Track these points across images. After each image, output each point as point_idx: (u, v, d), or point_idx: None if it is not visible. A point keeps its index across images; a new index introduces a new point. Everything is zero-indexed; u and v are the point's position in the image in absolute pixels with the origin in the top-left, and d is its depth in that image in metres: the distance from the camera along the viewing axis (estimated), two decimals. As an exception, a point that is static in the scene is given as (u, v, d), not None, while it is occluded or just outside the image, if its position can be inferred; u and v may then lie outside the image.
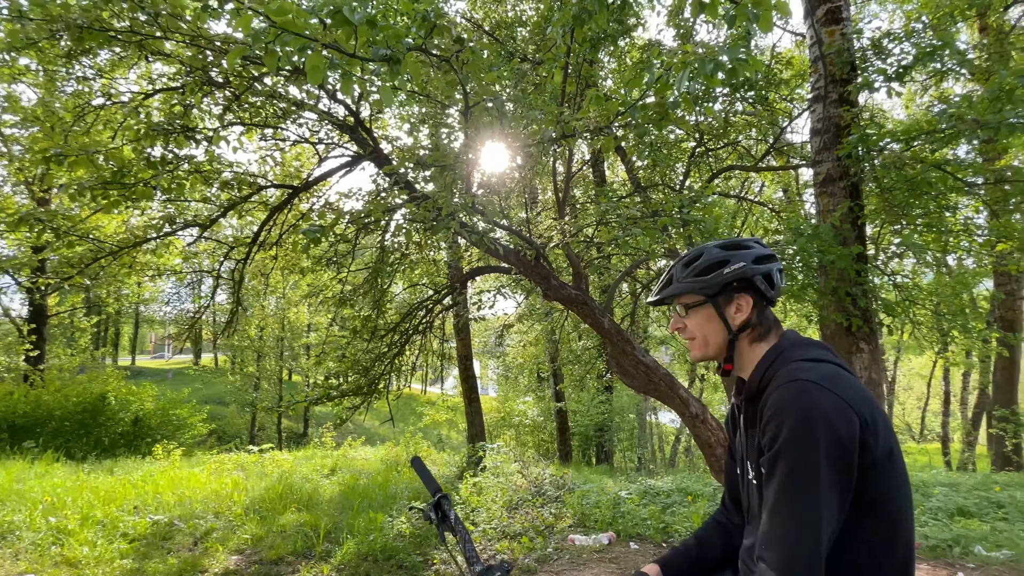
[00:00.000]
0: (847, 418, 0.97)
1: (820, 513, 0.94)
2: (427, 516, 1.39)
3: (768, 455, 1.02)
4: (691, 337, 1.25)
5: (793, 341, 1.18)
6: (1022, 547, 4.00)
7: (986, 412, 12.59)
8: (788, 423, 0.98)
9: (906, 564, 1.03)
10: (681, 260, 1.27)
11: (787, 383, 1.03)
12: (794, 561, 0.94)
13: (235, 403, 21.54)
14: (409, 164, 2.28)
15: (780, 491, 0.98)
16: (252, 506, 5.77)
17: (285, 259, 4.94)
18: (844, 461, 0.96)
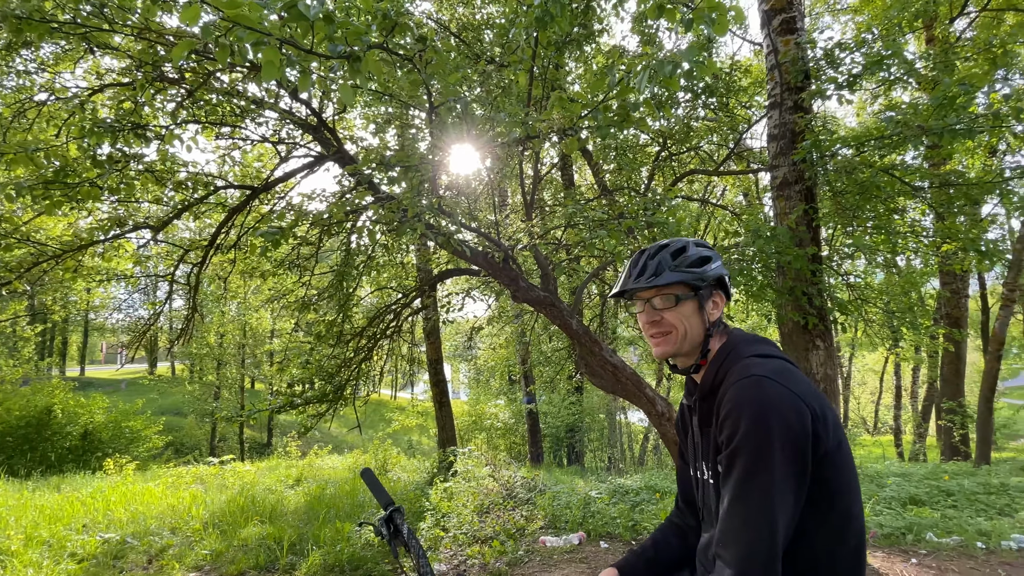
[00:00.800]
0: (800, 411, 0.99)
1: (776, 508, 0.95)
2: (378, 531, 1.34)
3: (726, 452, 1.02)
4: (668, 330, 1.20)
5: (741, 338, 1.20)
6: (970, 533, 4.21)
7: (935, 405, 13.28)
8: (744, 419, 0.99)
9: (858, 553, 1.06)
10: (663, 250, 1.23)
11: (741, 379, 1.05)
12: (752, 556, 0.95)
13: (194, 413, 20.71)
14: (373, 164, 2.23)
15: (737, 487, 0.99)
16: (211, 520, 5.55)
17: (244, 263, 4.77)
18: (799, 453, 0.97)
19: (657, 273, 1.21)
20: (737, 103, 6.51)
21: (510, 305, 8.90)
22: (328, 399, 4.42)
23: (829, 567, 1.03)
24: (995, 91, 3.99)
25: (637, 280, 1.22)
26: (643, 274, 1.22)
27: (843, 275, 5.39)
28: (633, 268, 1.25)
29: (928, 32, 8.75)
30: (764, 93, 6.60)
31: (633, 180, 6.37)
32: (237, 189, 4.19)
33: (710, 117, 6.55)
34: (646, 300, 1.22)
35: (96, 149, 3.38)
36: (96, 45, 3.53)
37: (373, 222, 2.13)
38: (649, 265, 1.22)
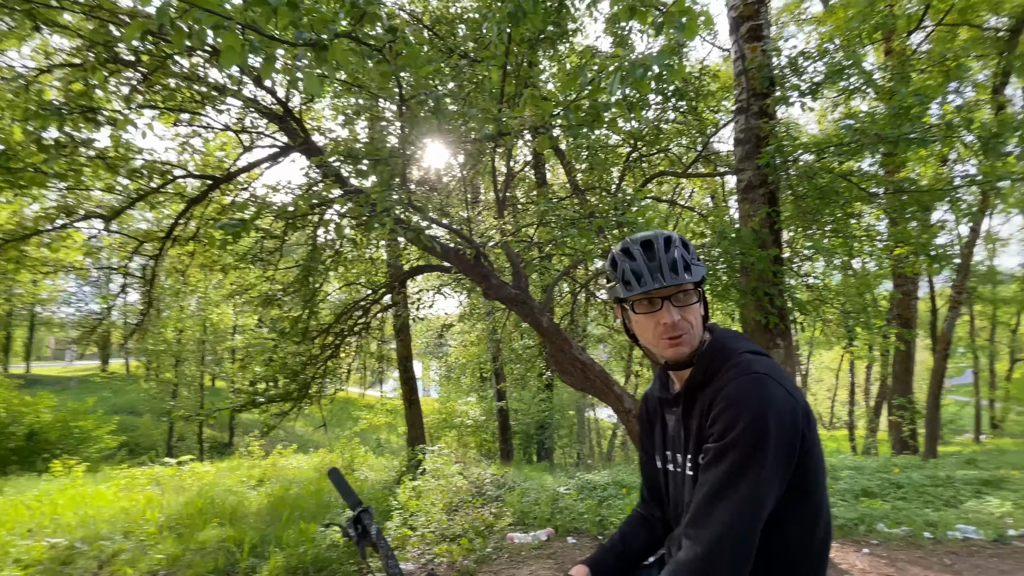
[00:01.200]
0: (794, 410, 1.02)
1: (759, 502, 0.98)
2: (345, 532, 1.31)
3: (718, 443, 1.03)
4: (686, 331, 1.13)
5: (727, 334, 1.21)
6: (918, 523, 4.43)
7: (886, 401, 13.92)
8: (744, 415, 1.00)
9: (825, 543, 1.10)
10: (671, 243, 1.14)
11: (743, 376, 1.05)
12: (725, 541, 0.96)
13: (150, 412, 19.89)
14: (341, 156, 2.16)
15: (725, 477, 1.00)
16: (167, 523, 5.34)
17: (204, 256, 4.58)
18: (789, 452, 1.00)
19: (687, 268, 1.12)
20: (706, 107, 6.65)
21: (481, 302, 8.87)
22: (293, 397, 4.30)
23: (800, 556, 1.07)
24: (948, 103, 4.20)
25: (671, 277, 1.10)
26: (673, 271, 1.11)
27: (803, 276, 5.58)
28: (649, 264, 1.12)
29: (887, 44, 9.14)
30: (732, 98, 6.77)
31: (604, 180, 6.43)
32: (197, 179, 4.02)
33: (679, 120, 6.67)
34: (664, 298, 1.12)
35: (42, 133, 3.18)
36: (44, 23, 3.32)
37: (340, 216, 2.07)
38: (677, 259, 1.12)
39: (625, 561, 1.35)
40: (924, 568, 3.73)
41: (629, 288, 1.12)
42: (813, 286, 5.65)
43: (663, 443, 1.29)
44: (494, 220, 4.17)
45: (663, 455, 1.29)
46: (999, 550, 3.88)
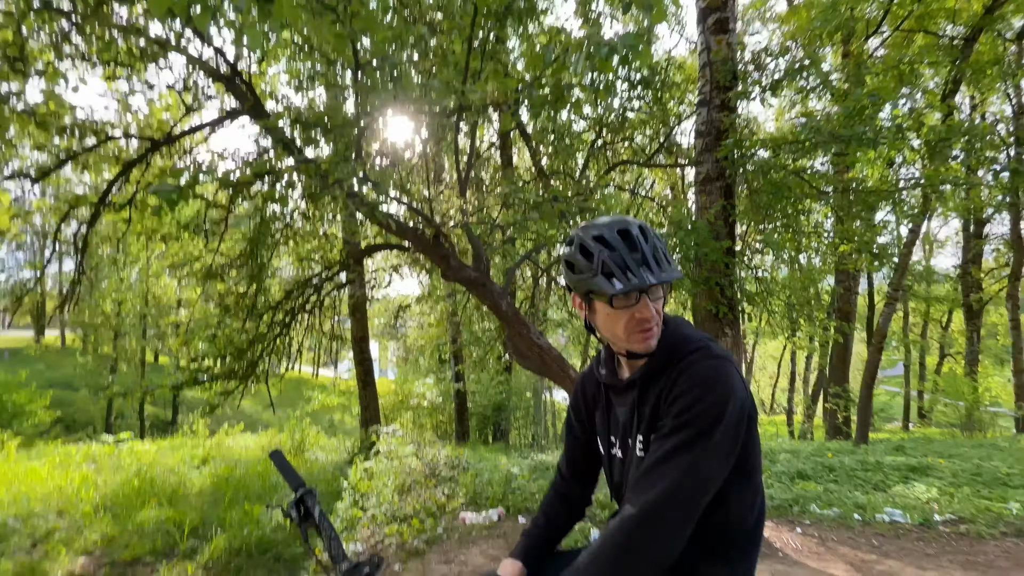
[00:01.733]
0: (745, 393, 1.08)
1: (705, 475, 1.01)
2: (287, 513, 1.27)
3: (676, 420, 1.05)
4: (657, 322, 1.13)
5: (681, 322, 1.23)
6: (848, 506, 4.71)
7: (823, 389, 14.76)
8: (708, 395, 1.04)
9: (760, 518, 1.16)
10: (645, 234, 1.11)
11: (708, 359, 1.09)
12: (663, 504, 0.99)
13: (87, 388, 18.82)
14: (287, 119, 2.02)
15: (675, 448, 1.02)
16: (104, 503, 5.10)
17: (142, 223, 4.28)
18: (738, 432, 1.05)
19: (670, 261, 1.11)
20: (670, 97, 6.71)
21: (442, 284, 8.76)
22: (238, 376, 4.12)
23: (739, 528, 1.12)
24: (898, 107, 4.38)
25: (661, 272, 1.08)
26: (660, 262, 1.09)
27: (753, 269, 5.78)
28: (634, 253, 1.08)
29: (845, 47, 9.44)
30: (695, 91, 6.87)
31: (569, 165, 6.42)
32: (135, 140, 3.73)
33: (644, 110, 6.71)
34: (642, 291, 1.10)
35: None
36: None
37: (286, 185, 1.95)
38: (658, 251, 1.10)
39: (550, 540, 1.38)
40: (853, 548, 3.98)
41: (612, 281, 1.07)
42: (762, 279, 5.87)
43: (608, 428, 1.30)
44: (456, 199, 4.09)
45: (607, 440, 1.30)
46: (924, 534, 4.15)
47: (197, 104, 3.79)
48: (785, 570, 3.63)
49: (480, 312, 9.47)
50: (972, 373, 15.37)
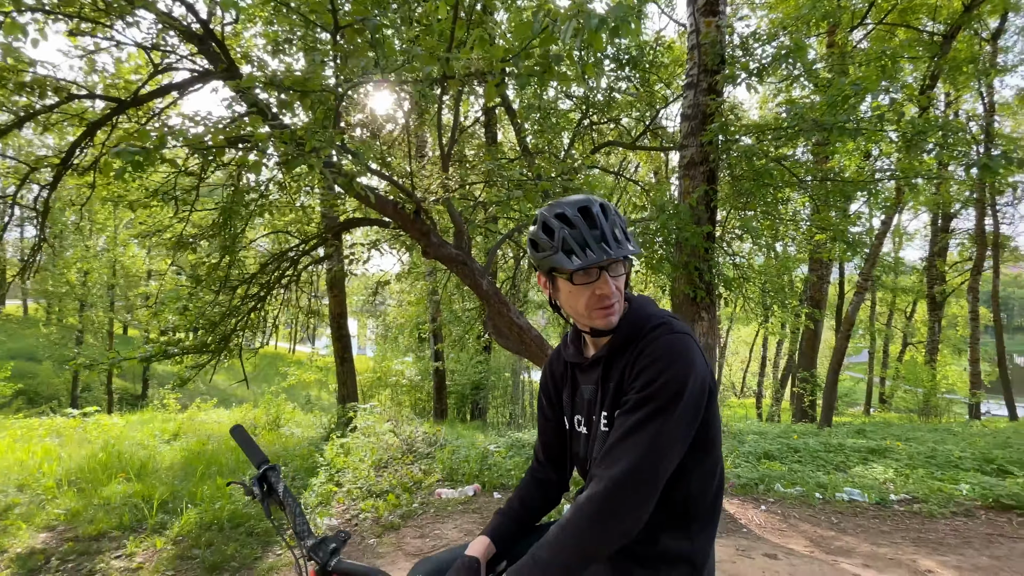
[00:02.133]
0: (705, 368, 1.09)
1: (666, 448, 1.03)
2: (249, 490, 1.25)
3: (639, 394, 1.07)
4: (617, 299, 1.15)
5: (645, 300, 1.24)
6: (810, 485, 4.91)
7: (792, 374, 15.23)
8: (669, 369, 1.05)
9: (719, 490, 1.19)
10: (606, 211, 1.12)
11: (670, 335, 1.10)
12: (628, 477, 1.01)
13: (51, 359, 18.24)
14: (261, 82, 1.91)
15: (638, 423, 1.04)
16: (67, 477, 4.98)
17: (107, 188, 4.08)
18: (698, 406, 1.07)
19: (628, 239, 1.12)
20: (658, 79, 6.67)
21: (422, 261, 8.67)
22: (210, 350, 4.02)
23: (699, 499, 1.15)
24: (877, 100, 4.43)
25: (619, 247, 1.09)
26: (617, 239, 1.10)
27: (731, 255, 5.86)
28: (593, 230, 1.09)
29: (830, 38, 9.51)
30: (682, 74, 6.84)
31: (554, 145, 6.36)
32: (100, 100, 3.53)
33: (632, 91, 6.66)
34: (602, 268, 1.11)
35: None
36: None
37: (258, 151, 1.86)
38: (617, 229, 1.11)
39: (523, 522, 1.38)
40: (814, 525, 4.15)
41: (572, 258, 1.09)
42: (739, 265, 5.97)
43: (573, 406, 1.33)
44: (438, 175, 4.01)
45: (573, 418, 1.32)
46: (880, 512, 4.37)
47: (167, 64, 3.60)
48: (749, 545, 3.77)
49: (461, 291, 9.42)
50: (931, 361, 16.03)
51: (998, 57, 12.52)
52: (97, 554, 3.62)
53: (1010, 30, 13.20)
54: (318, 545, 1.15)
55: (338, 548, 1.16)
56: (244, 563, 3.52)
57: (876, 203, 4.54)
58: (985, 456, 5.57)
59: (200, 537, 3.81)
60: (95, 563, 3.48)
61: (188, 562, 3.51)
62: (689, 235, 4.09)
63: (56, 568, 3.41)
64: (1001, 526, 4.02)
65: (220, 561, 3.49)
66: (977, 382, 14.60)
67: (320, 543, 1.15)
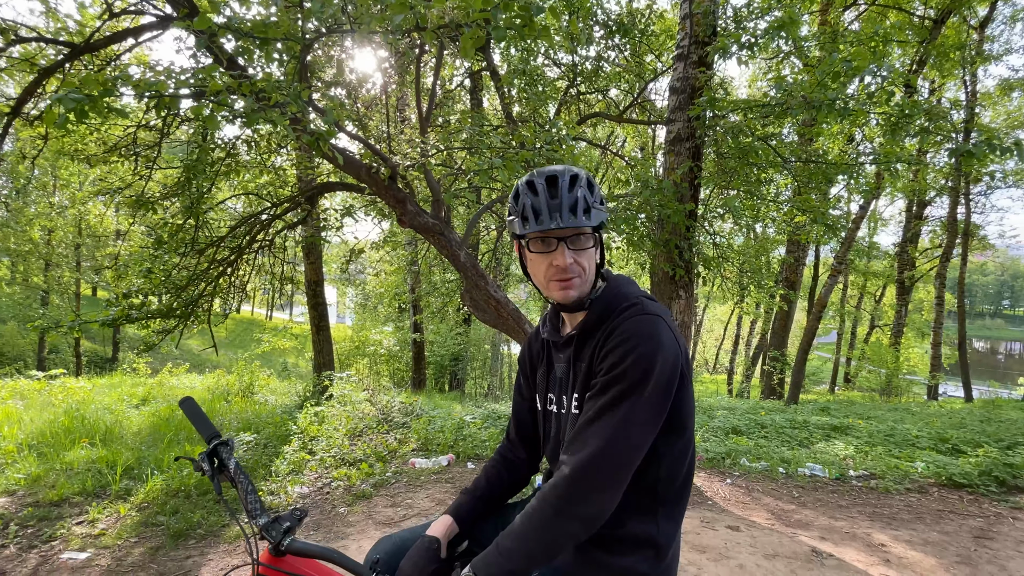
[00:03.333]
0: (676, 351, 1.06)
1: (635, 431, 1.01)
2: (198, 466, 1.19)
3: (606, 376, 1.05)
4: (578, 273, 1.12)
5: (623, 279, 1.21)
6: (775, 460, 5.06)
7: (763, 352, 15.62)
8: (636, 350, 1.02)
9: (689, 475, 1.18)
10: (577, 183, 1.10)
11: (639, 316, 1.08)
12: (593, 463, 0.99)
13: (15, 320, 17.63)
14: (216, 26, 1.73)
15: (606, 406, 1.02)
16: (29, 441, 4.84)
17: (62, 141, 3.82)
18: (668, 388, 1.04)
19: (587, 210, 1.09)
20: (648, 49, 6.51)
21: (402, 230, 8.50)
22: (176, 315, 3.88)
23: (669, 483, 1.13)
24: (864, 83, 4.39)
25: (571, 217, 1.07)
26: (575, 210, 1.08)
27: (712, 234, 5.87)
28: (550, 202, 1.08)
29: (823, 16, 9.40)
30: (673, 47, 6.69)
31: (539, 113, 6.20)
32: (50, 44, 3.27)
33: (621, 62, 6.50)
34: (560, 239, 1.09)
35: None
36: None
37: (215, 104, 1.71)
38: (578, 199, 1.08)
39: (488, 502, 1.36)
40: (776, 499, 4.29)
41: (526, 225, 1.10)
42: (719, 244, 5.98)
43: (547, 385, 1.31)
44: (417, 139, 3.86)
45: (546, 397, 1.31)
46: (839, 487, 4.53)
47: (125, 8, 3.33)
48: (713, 516, 3.87)
49: (441, 262, 9.30)
50: (896, 344, 16.60)
51: (984, 46, 12.59)
52: (58, 519, 3.54)
53: (998, 19, 13.25)
54: (271, 524, 1.10)
55: (292, 527, 1.11)
56: (210, 530, 3.49)
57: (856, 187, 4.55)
58: (940, 436, 5.80)
59: (166, 504, 3.75)
60: (55, 528, 3.40)
61: (152, 528, 3.46)
62: (671, 212, 4.05)
63: (15, 533, 3.33)
64: (952, 503, 4.21)
65: (185, 528, 3.44)
66: (937, 364, 15.19)
67: (273, 522, 1.10)
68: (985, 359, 52.03)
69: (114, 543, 3.26)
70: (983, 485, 4.41)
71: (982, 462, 4.67)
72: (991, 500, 4.23)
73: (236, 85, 1.75)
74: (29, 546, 3.20)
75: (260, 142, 3.96)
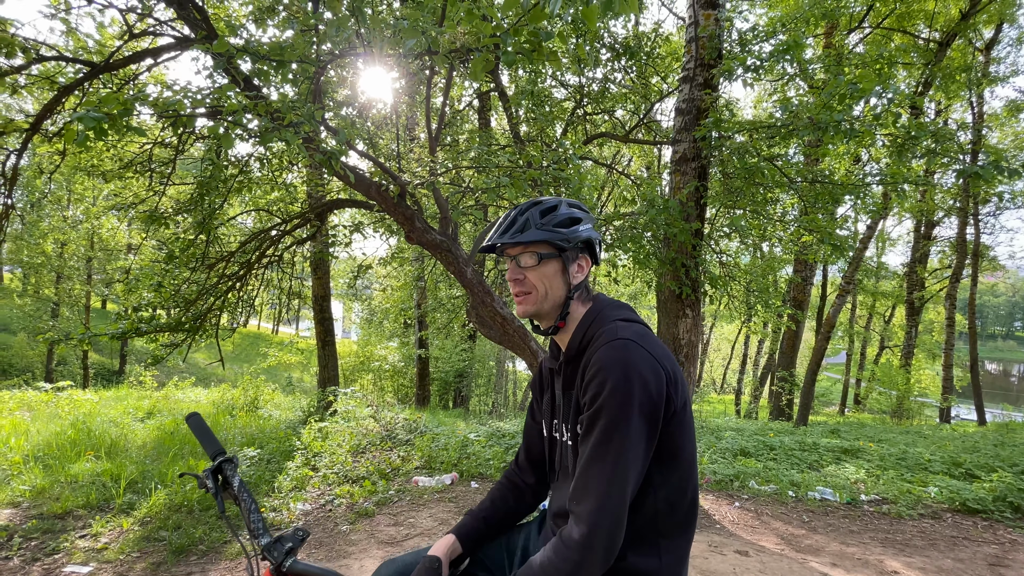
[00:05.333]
0: (657, 374, 1.03)
1: (630, 465, 0.99)
2: (202, 483, 1.19)
3: (588, 412, 1.04)
4: (529, 290, 1.19)
5: (606, 303, 1.21)
6: (784, 483, 4.96)
7: (771, 373, 15.45)
8: (610, 379, 1.00)
9: (693, 506, 1.13)
10: (535, 207, 1.21)
11: (609, 341, 1.06)
12: (604, 511, 0.97)
13: (25, 331, 17.79)
14: (235, 48, 1.80)
15: (596, 447, 1.01)
16: (35, 452, 4.85)
17: (79, 157, 3.90)
18: (654, 413, 1.01)
19: (523, 229, 1.18)
20: (654, 71, 6.60)
21: (409, 246, 8.56)
22: (184, 329, 3.91)
23: (667, 516, 1.09)
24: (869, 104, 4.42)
25: (503, 235, 1.18)
26: (509, 229, 1.18)
27: (718, 253, 5.86)
28: (503, 223, 1.21)
29: (827, 39, 9.51)
30: (679, 69, 6.77)
31: (546, 133, 6.28)
32: (72, 64, 3.37)
33: (627, 83, 6.59)
34: (512, 257, 1.20)
35: None
36: None
37: (231, 123, 1.76)
38: (517, 221, 1.19)
39: (494, 527, 1.35)
40: (785, 523, 4.20)
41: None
42: (726, 263, 5.97)
43: (551, 411, 1.30)
44: (426, 158, 3.91)
45: (551, 423, 1.30)
46: (851, 512, 4.43)
47: (144, 29, 3.43)
48: (721, 541, 3.80)
49: (447, 278, 9.33)
50: (906, 365, 16.37)
51: (990, 67, 12.65)
52: (62, 532, 3.53)
53: (1004, 41, 13.34)
54: (273, 544, 1.10)
55: (294, 548, 1.11)
56: (212, 547, 3.46)
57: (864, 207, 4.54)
58: (954, 460, 5.68)
59: (168, 519, 3.73)
60: (59, 541, 3.39)
61: (154, 544, 3.44)
62: (677, 231, 4.06)
63: (19, 546, 3.32)
64: (966, 529, 4.11)
65: (187, 544, 3.42)
66: (949, 386, 14.94)
67: (276, 542, 1.10)
68: (998, 381, 51.15)
69: (116, 557, 3.24)
70: (998, 511, 4.30)
71: (997, 487, 4.57)
72: (1006, 527, 4.12)
73: (252, 105, 1.80)
74: (33, 559, 3.19)
75: (272, 159, 4.03)
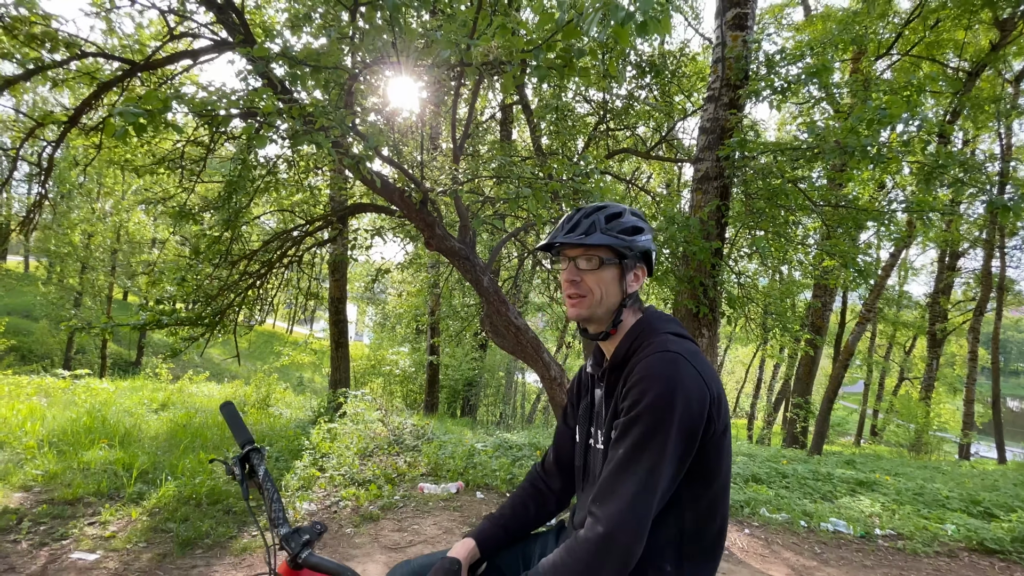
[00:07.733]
0: (702, 392, 1.01)
1: (659, 479, 0.97)
2: (230, 470, 1.21)
3: (625, 418, 1.03)
4: (584, 293, 1.17)
5: (657, 316, 1.20)
6: (796, 512, 4.84)
7: (786, 399, 15.16)
8: (653, 390, 1.00)
9: (720, 535, 1.10)
10: (600, 211, 1.21)
11: (658, 352, 1.05)
12: (626, 516, 0.96)
13: (47, 318, 18.23)
14: (273, 54, 1.85)
15: (629, 452, 0.99)
16: (50, 438, 4.94)
17: (113, 151, 4.03)
18: (692, 431, 1.00)
19: (588, 232, 1.17)
20: (678, 89, 6.61)
21: (426, 252, 8.63)
22: (204, 323, 3.98)
23: (694, 540, 1.07)
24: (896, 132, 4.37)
25: (568, 235, 1.17)
26: (574, 230, 1.18)
27: (737, 273, 5.80)
28: (566, 223, 1.20)
29: (854, 64, 9.46)
30: (703, 88, 6.78)
31: (568, 147, 6.31)
32: (112, 61, 3.49)
33: (651, 100, 6.61)
34: (571, 258, 1.19)
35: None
36: None
37: (265, 124, 1.80)
38: (582, 223, 1.18)
39: (514, 533, 1.34)
40: (796, 553, 4.09)
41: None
42: (744, 284, 5.90)
43: (588, 418, 1.29)
44: (449, 167, 3.95)
45: (586, 430, 1.29)
46: (864, 546, 4.30)
47: (184, 31, 3.55)
48: (730, 568, 3.71)
49: (462, 286, 9.37)
50: (926, 398, 15.93)
51: (1020, 100, 12.44)
52: (71, 519, 3.58)
53: (1035, 73, 13.10)
54: (291, 535, 1.11)
55: (311, 540, 1.12)
56: (218, 540, 3.48)
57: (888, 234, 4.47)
58: (972, 497, 5.50)
59: (176, 511, 3.77)
60: (68, 527, 3.43)
61: (161, 535, 3.47)
62: (697, 249, 4.03)
63: (28, 529, 3.37)
64: (983, 570, 3.96)
65: (194, 537, 3.44)
66: (970, 422, 14.51)
67: (294, 533, 1.11)
68: (1020, 419, 49.45)
69: (123, 546, 3.27)
70: (1016, 552, 4.14)
71: (1016, 528, 4.41)
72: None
73: (287, 108, 1.84)
74: (41, 543, 3.23)
75: (299, 162, 4.11)
